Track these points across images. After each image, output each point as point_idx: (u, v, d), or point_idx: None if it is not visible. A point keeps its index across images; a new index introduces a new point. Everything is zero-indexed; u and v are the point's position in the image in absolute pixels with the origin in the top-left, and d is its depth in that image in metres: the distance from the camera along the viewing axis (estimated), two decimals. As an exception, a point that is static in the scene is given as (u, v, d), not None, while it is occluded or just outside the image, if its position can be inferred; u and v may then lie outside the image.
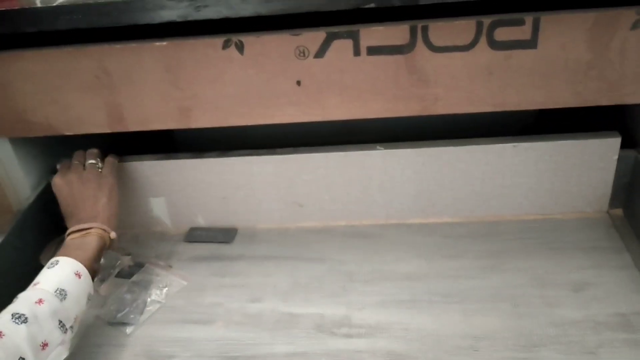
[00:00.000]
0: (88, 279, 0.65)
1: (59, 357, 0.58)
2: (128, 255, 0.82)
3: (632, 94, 0.68)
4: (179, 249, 0.85)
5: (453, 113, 0.70)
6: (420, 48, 0.66)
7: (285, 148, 0.82)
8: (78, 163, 0.78)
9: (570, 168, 0.79)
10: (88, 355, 0.69)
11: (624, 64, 0.65)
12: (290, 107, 0.71)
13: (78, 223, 0.71)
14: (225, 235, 0.87)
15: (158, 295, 0.76)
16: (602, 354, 0.62)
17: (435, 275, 0.75)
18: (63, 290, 0.60)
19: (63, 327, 0.59)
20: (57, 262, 0.63)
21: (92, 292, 0.66)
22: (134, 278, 0.79)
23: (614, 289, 0.70)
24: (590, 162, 0.78)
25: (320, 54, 0.67)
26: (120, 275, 0.79)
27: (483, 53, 0.66)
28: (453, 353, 0.64)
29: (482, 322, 0.68)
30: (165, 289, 0.77)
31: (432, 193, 0.83)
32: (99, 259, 0.70)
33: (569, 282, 0.72)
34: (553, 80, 0.67)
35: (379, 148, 0.80)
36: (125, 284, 0.78)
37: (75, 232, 0.70)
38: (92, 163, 0.78)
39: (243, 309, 0.73)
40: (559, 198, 0.82)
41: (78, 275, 0.63)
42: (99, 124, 0.74)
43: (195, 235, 0.87)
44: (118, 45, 0.68)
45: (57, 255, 0.65)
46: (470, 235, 0.82)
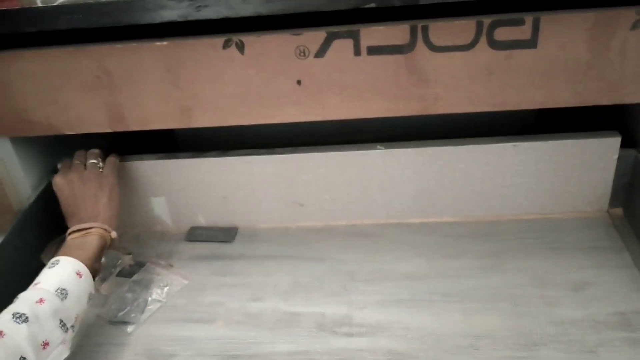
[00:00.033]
0: (89, 279, 0.65)
1: (60, 356, 0.58)
2: (129, 255, 0.82)
3: (632, 94, 0.68)
4: (180, 248, 0.85)
5: (453, 113, 0.70)
6: (421, 48, 0.66)
7: (285, 148, 0.82)
8: (79, 163, 0.78)
9: (570, 168, 0.79)
10: (89, 354, 0.69)
11: (624, 64, 0.66)
12: (291, 106, 0.71)
13: (79, 222, 0.71)
14: (226, 235, 0.87)
15: (159, 295, 0.76)
16: (602, 353, 0.62)
17: (436, 275, 0.75)
18: (64, 290, 0.60)
19: (64, 326, 0.59)
20: (58, 261, 0.64)
21: (93, 291, 0.66)
22: (135, 277, 0.79)
23: (614, 289, 0.70)
24: (590, 161, 0.78)
25: (321, 54, 0.67)
26: (121, 275, 0.80)
27: (483, 53, 0.66)
28: (453, 352, 0.64)
29: (482, 321, 0.68)
30: (166, 288, 0.77)
31: (432, 193, 0.83)
32: (100, 259, 0.70)
33: (569, 281, 0.72)
34: (553, 80, 0.67)
35: (379, 148, 0.80)
36: (126, 283, 0.78)
37: (76, 231, 0.70)
38: (93, 163, 0.78)
39: (244, 308, 0.73)
40: (559, 198, 0.82)
41: (79, 275, 0.63)
42: (100, 124, 0.74)
43: (196, 235, 0.87)
44: (118, 45, 0.68)
45: (58, 255, 0.65)
46: (470, 235, 0.82)
